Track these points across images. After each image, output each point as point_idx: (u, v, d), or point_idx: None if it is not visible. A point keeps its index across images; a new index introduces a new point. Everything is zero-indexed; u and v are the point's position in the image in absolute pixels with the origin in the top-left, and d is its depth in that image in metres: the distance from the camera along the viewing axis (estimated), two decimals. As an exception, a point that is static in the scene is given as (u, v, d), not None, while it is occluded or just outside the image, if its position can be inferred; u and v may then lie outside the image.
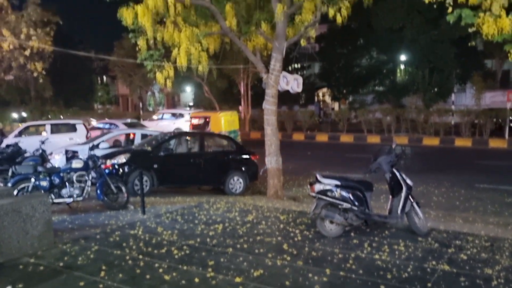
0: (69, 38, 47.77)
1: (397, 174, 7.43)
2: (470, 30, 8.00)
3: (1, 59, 27.91)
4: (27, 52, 26.18)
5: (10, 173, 9.64)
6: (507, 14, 7.65)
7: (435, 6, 8.12)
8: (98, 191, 9.33)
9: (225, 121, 21.53)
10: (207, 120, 22.45)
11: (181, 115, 29.87)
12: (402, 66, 37.33)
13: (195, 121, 23.60)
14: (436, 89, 33.24)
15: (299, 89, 12.76)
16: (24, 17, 26.87)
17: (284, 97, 23.03)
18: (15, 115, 41.33)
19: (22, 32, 25.77)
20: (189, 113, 27.51)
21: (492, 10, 7.60)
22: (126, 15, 10.91)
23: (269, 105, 11.55)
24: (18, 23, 26.33)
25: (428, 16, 31.71)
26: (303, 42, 11.42)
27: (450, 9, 7.79)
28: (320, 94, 50.64)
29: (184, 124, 27.63)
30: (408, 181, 7.38)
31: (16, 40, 24.78)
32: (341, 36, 38.68)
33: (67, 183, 9.20)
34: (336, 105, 49.03)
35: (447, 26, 27.37)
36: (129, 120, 25.38)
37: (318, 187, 7.23)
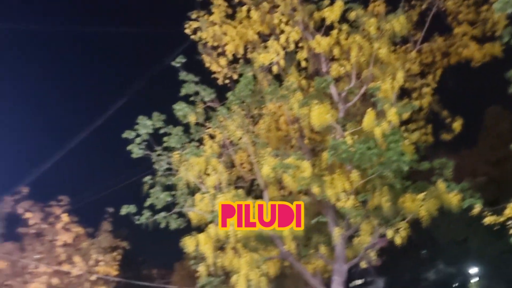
0: (133, 259, 49.35)
1: None
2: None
3: (67, 284, 28.69)
4: (94, 277, 26.96)
5: None
6: None
7: (494, 228, 8.04)
8: None
9: None
10: None
11: None
12: (475, 279, 34.68)
13: None
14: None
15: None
16: (95, 244, 28.57)
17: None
18: None
19: (91, 258, 27.04)
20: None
21: None
22: (188, 243, 11.42)
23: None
24: (89, 249, 27.87)
25: (492, 226, 30.61)
26: (363, 265, 11.22)
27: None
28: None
29: None
30: None
31: (85, 266, 25.91)
32: (404, 249, 37.48)
33: None
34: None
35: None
36: None
37: None
